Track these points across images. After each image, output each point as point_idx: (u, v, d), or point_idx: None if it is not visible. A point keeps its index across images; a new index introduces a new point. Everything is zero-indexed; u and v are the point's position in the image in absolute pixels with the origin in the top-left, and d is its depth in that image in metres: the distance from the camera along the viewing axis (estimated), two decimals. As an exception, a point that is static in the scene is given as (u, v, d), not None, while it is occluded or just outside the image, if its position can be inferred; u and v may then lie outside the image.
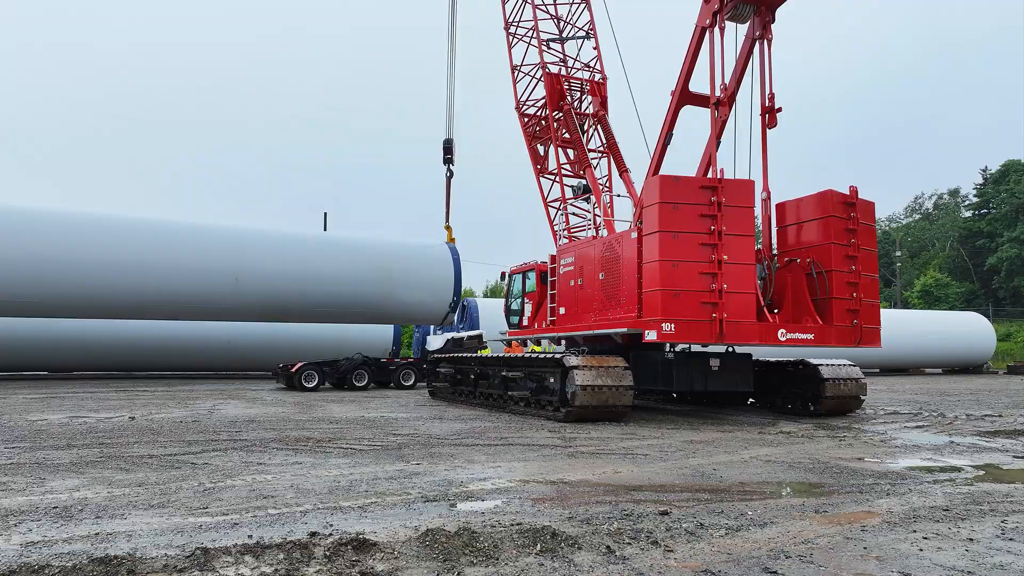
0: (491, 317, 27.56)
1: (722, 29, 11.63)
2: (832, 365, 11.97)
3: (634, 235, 11.62)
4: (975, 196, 72.59)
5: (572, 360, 10.40)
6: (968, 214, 72.43)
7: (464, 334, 22.41)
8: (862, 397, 12.72)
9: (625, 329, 11.08)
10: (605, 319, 12.15)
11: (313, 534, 4.17)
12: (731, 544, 4.07)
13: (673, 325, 10.09)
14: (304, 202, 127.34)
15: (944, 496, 5.57)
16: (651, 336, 10.26)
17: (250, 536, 4.13)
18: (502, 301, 36.58)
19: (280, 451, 7.80)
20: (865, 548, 4.00)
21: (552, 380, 11.41)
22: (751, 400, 14.34)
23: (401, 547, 3.85)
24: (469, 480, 6.12)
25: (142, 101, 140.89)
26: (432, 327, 30.03)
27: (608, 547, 3.96)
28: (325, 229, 39.78)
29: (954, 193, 79.19)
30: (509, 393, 12.59)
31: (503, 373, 12.55)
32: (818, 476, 6.52)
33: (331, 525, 4.45)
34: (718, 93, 11.50)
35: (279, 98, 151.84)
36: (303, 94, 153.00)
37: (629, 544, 4.04)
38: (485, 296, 45.28)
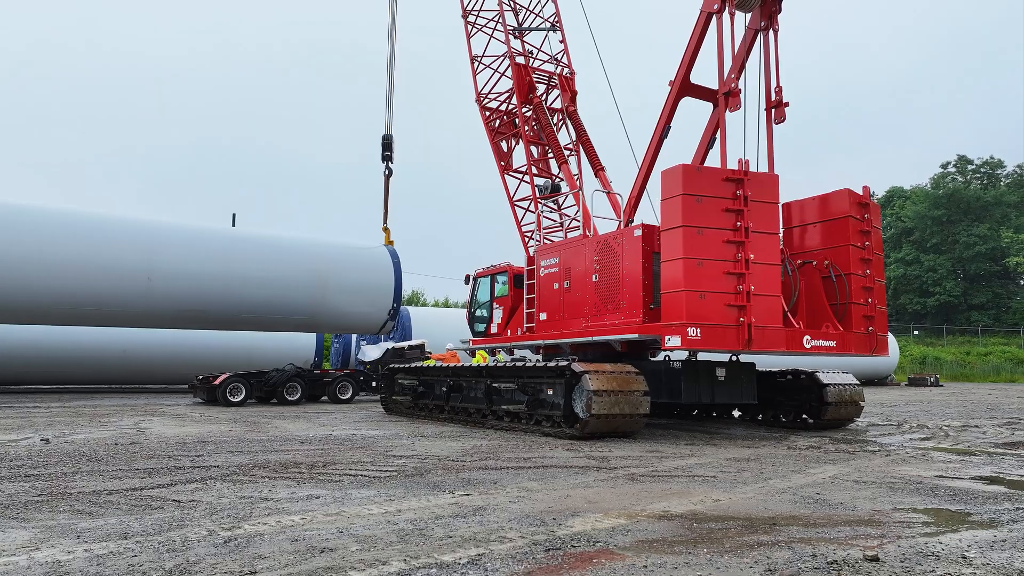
0: (425, 325, 26.05)
1: (731, 15, 10.90)
2: (837, 384, 11.37)
3: (638, 232, 10.66)
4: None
5: (591, 384, 9.19)
6: (856, 235, 76.72)
7: (404, 343, 20.82)
8: (856, 419, 12.32)
9: (635, 335, 10.04)
10: (600, 325, 11.08)
11: (465, 615, 2.82)
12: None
13: (699, 330, 9.13)
14: (209, 201, 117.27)
15: None
16: (674, 342, 9.26)
17: (372, 623, 2.72)
18: (430, 309, 35.12)
19: (275, 481, 6.22)
20: None
21: (552, 392, 10.22)
22: (736, 412, 13.66)
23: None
24: (559, 515, 4.85)
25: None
26: (355, 336, 28.10)
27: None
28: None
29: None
30: (496, 407, 11.26)
31: (493, 385, 11.22)
32: (939, 500, 5.66)
33: (466, 596, 3.10)
34: (731, 84, 10.74)
35: (178, 90, 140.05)
36: (213, 86, 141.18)
37: (918, 613, 2.92)
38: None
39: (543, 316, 12.58)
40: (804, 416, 12.02)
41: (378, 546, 4.01)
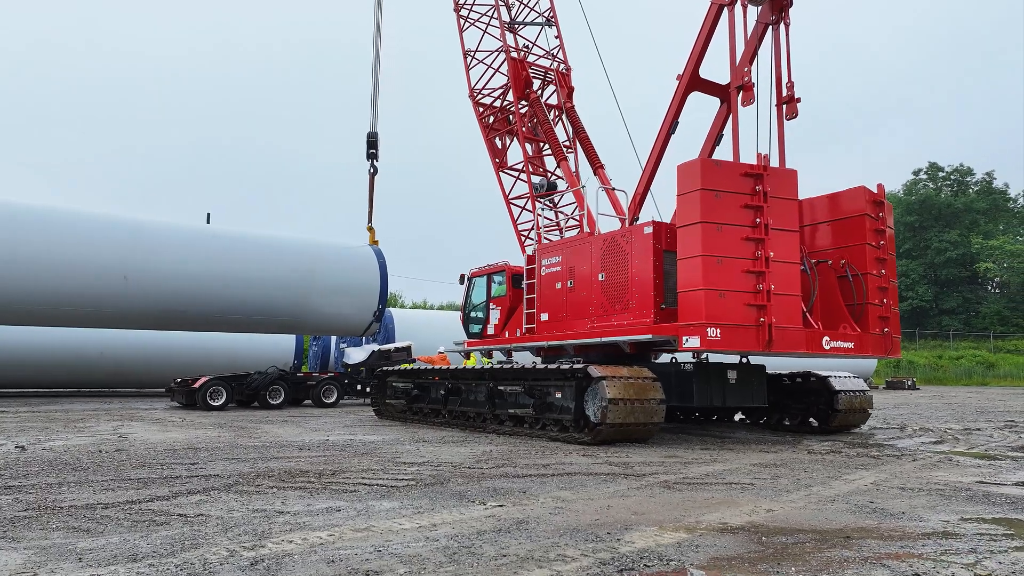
0: (408, 327, 25.47)
1: (744, 7, 10.61)
2: (849, 390, 11.11)
3: (648, 230, 10.29)
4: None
5: (608, 391, 8.78)
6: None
7: (391, 346, 20.22)
8: (862, 424, 12.12)
9: (648, 336, 9.65)
10: (608, 326, 10.69)
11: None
12: None
13: (719, 330, 8.78)
14: (210, 201, 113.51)
15: None
16: (692, 343, 8.90)
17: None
18: (412, 311, 34.42)
19: (286, 491, 5.70)
20: None
21: (561, 396, 9.80)
22: (738, 416, 13.36)
23: None
24: (611, 529, 4.43)
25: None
26: (334, 339, 27.43)
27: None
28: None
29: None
30: (500, 411, 10.80)
31: (497, 387, 10.76)
32: (1001, 509, 5.37)
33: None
34: (744, 78, 10.44)
35: (178, 90, 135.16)
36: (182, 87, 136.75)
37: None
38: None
39: (544, 317, 12.16)
40: (810, 420, 11.77)
41: (427, 567, 3.55)
